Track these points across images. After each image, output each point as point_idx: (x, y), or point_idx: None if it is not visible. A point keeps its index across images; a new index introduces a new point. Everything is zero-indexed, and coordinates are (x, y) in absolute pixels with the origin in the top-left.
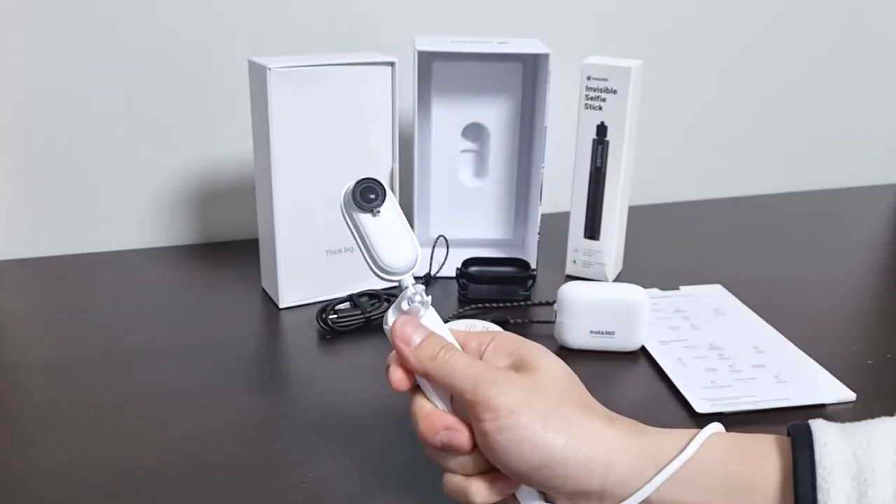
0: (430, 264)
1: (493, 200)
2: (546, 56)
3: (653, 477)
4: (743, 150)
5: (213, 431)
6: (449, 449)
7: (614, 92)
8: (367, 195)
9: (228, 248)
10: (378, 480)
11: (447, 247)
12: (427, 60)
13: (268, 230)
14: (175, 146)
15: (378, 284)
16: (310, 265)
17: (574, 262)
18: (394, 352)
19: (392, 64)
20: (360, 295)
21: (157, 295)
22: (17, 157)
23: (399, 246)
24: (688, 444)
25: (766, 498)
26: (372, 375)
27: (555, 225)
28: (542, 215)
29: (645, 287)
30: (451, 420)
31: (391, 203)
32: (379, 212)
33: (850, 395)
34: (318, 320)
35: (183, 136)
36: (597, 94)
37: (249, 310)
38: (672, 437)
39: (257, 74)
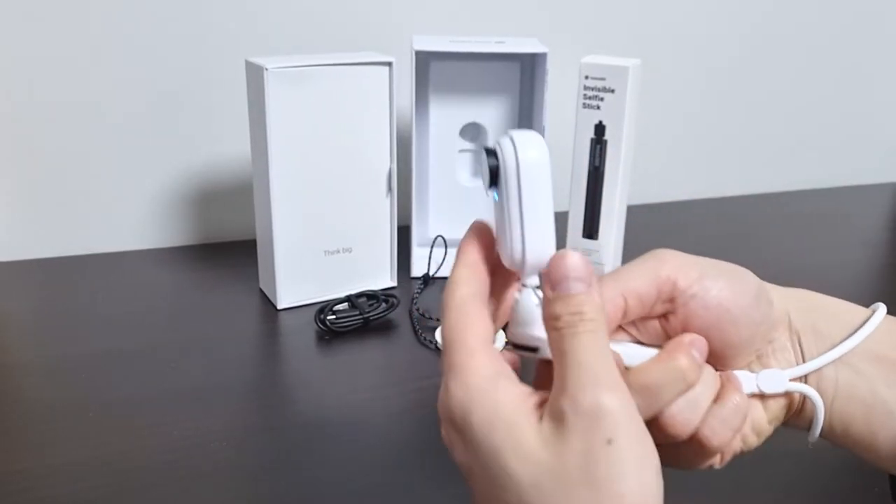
0: (429, 264)
1: (492, 200)
2: (544, 55)
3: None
4: (742, 149)
5: (212, 432)
6: (705, 359)
7: (612, 91)
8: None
9: (226, 249)
10: (378, 480)
11: (445, 247)
12: (425, 60)
13: (266, 231)
14: (172, 147)
15: (376, 285)
16: (308, 266)
17: None
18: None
19: (389, 64)
20: (359, 295)
21: (156, 296)
22: (16, 157)
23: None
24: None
25: None
26: (371, 376)
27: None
28: None
29: None
30: (685, 334)
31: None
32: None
33: None
34: (316, 321)
35: (180, 137)
36: (595, 93)
37: (247, 311)
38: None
39: (254, 74)
